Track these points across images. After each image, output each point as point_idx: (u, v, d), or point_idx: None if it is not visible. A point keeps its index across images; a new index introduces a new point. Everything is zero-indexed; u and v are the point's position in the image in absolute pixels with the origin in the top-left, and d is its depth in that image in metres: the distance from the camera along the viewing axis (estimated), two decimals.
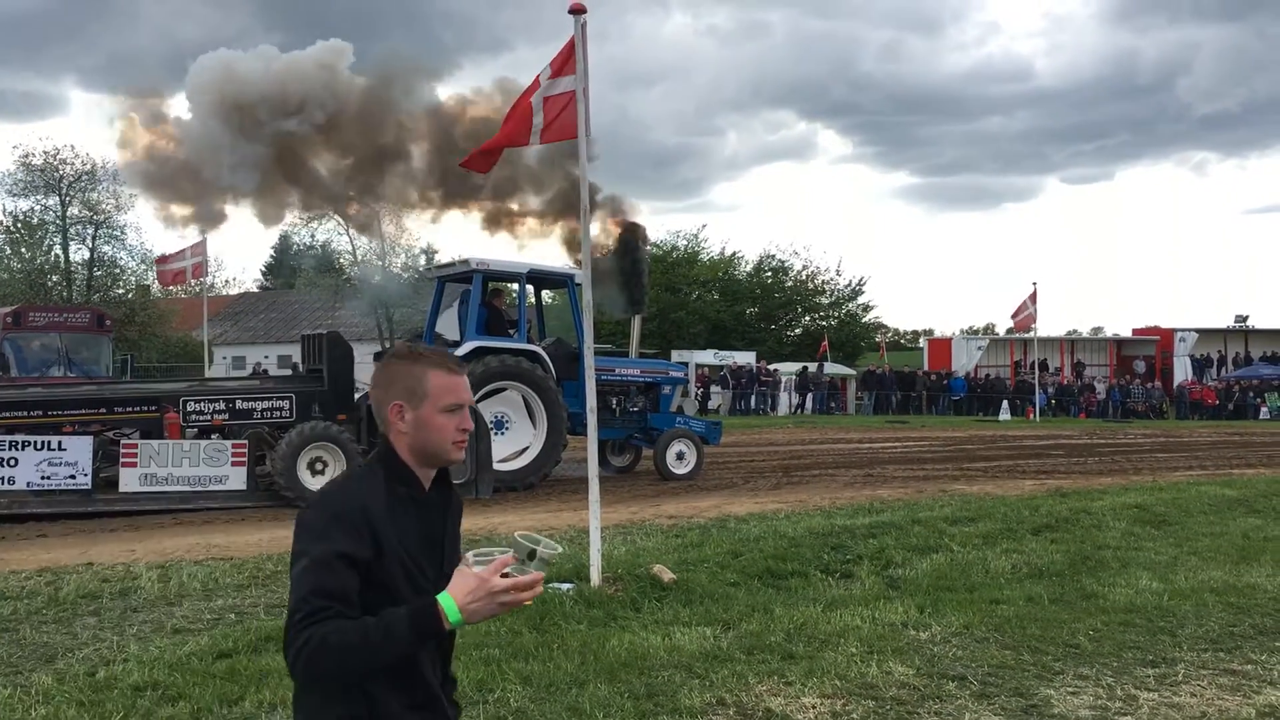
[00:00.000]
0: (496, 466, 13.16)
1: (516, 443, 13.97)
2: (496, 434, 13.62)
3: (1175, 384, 41.62)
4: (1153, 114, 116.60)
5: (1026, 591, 7.18)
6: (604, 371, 14.90)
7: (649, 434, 15.42)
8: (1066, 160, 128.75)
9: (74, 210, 37.18)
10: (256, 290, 66.35)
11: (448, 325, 15.86)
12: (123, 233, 38.17)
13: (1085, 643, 5.93)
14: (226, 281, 64.36)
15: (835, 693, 5.02)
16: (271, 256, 71.99)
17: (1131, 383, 40.94)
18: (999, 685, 5.20)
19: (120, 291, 38.49)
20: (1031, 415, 35.63)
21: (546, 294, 16.48)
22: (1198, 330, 46.80)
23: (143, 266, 39.00)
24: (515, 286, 14.82)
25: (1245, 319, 50.19)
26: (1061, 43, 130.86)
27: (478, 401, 13.22)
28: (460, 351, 13.76)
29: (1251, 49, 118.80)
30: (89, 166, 36.00)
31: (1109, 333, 53.48)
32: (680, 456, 15.01)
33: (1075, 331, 55.07)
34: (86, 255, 38.40)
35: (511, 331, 14.37)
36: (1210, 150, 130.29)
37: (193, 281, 30.65)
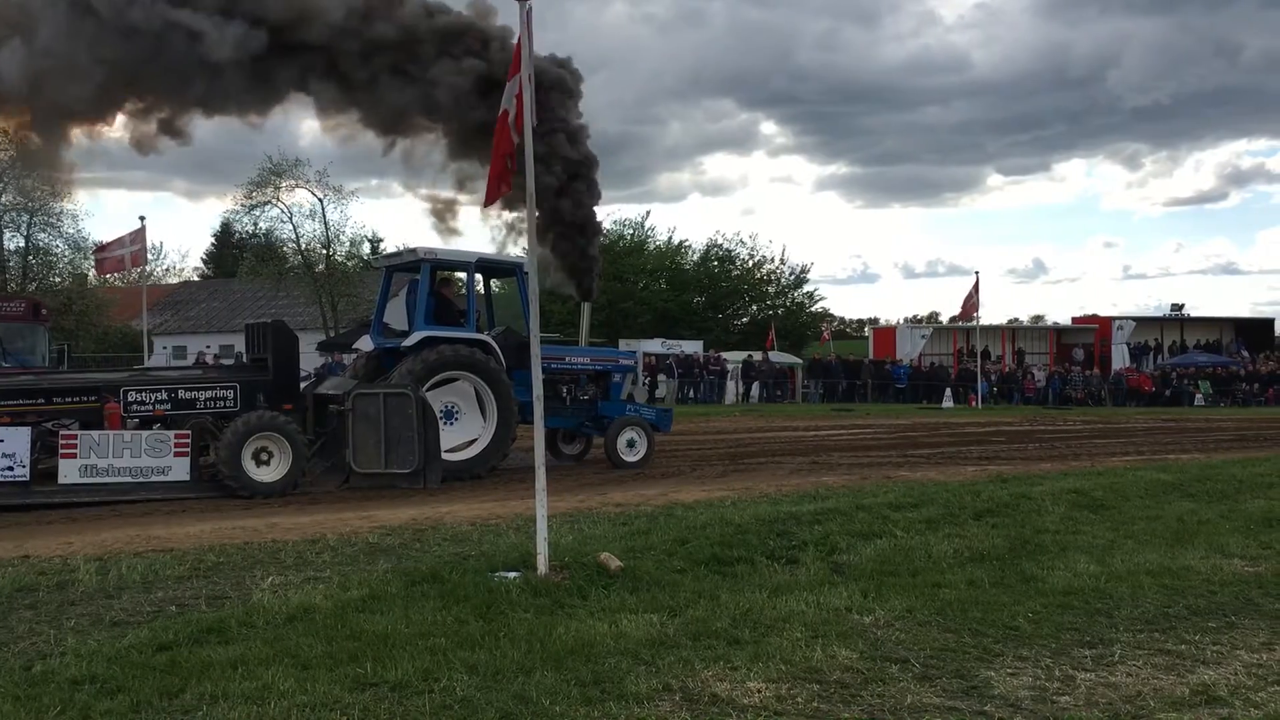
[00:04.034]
0: (445, 456, 13.08)
1: (466, 433, 13.88)
2: (446, 424, 13.53)
3: (1113, 371, 42.48)
4: (1085, 106, 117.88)
5: (968, 575, 7.29)
6: (554, 360, 14.87)
7: (600, 422, 15.41)
8: (1004, 151, 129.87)
9: (7, 197, 36.30)
10: (198, 279, 65.29)
11: (395, 315, 15.72)
12: (59, 220, 37.29)
13: (1025, 625, 6.05)
14: (167, 270, 63.32)
15: (780, 677, 5.08)
16: (213, 244, 70.89)
17: (1070, 370, 41.72)
18: (941, 667, 5.28)
19: (57, 280, 37.68)
20: (974, 403, 36.16)
21: (495, 283, 16.38)
22: (1135, 319, 47.87)
23: (79, 255, 38.23)
24: (464, 275, 14.72)
25: (1181, 308, 51.61)
26: (997, 34, 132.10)
27: (427, 391, 13.14)
28: (409, 342, 13.67)
29: (1179, 42, 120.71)
30: None
31: (1049, 321, 54.51)
32: (631, 444, 15.02)
33: (1016, 320, 55.92)
34: (21, 243, 37.53)
35: (461, 321, 14.28)
36: (1142, 142, 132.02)
37: (132, 270, 30.05)
